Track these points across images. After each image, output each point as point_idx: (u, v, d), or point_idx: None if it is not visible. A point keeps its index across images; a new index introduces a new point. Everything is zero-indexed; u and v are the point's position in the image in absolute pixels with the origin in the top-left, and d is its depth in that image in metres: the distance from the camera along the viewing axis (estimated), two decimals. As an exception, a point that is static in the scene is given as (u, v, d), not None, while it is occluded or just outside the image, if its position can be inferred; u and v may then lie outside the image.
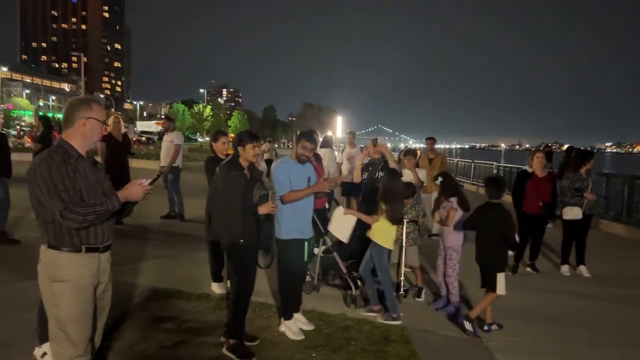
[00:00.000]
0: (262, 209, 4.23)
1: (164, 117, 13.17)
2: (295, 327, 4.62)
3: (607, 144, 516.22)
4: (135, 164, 15.83)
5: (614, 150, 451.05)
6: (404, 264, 5.71)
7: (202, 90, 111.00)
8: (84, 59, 61.59)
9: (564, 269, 7.40)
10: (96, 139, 2.97)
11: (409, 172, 7.07)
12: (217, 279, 5.74)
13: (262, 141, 5.73)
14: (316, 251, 5.80)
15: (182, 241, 8.17)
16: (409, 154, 7.27)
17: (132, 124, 72.37)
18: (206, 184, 5.52)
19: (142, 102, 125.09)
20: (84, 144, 2.91)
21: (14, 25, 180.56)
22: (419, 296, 5.80)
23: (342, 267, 5.51)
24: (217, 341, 4.32)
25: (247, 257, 4.23)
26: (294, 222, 4.53)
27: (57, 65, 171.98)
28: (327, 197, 6.19)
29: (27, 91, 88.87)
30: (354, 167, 10.12)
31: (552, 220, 8.72)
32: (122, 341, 4.25)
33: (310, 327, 4.73)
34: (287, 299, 4.70)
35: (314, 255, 5.72)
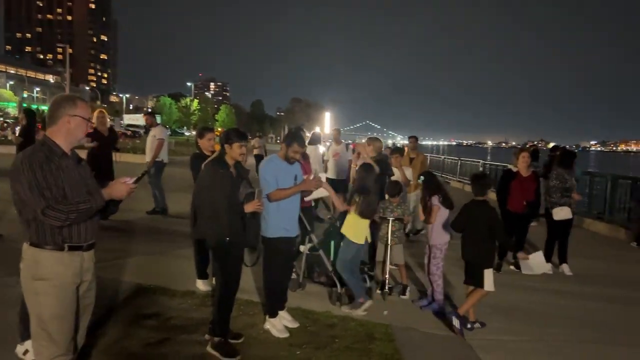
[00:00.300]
0: (248, 207, 4.21)
1: (146, 112, 13.05)
2: (280, 324, 4.63)
3: (591, 142, 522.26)
4: (120, 158, 15.67)
5: (599, 148, 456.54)
6: (389, 261, 5.74)
7: (189, 83, 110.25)
8: (69, 50, 60.56)
9: (547, 267, 7.48)
10: (81, 136, 2.94)
11: (396, 170, 7.09)
12: (203, 276, 5.72)
13: (251, 138, 5.70)
14: (302, 249, 5.81)
15: (167, 237, 8.12)
16: (396, 152, 7.29)
17: (118, 117, 71.69)
18: (192, 179, 5.50)
19: (128, 95, 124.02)
20: (68, 141, 2.89)
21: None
22: (404, 294, 5.84)
23: (328, 265, 5.52)
24: (202, 339, 4.31)
25: (233, 256, 4.22)
26: (280, 220, 4.53)
27: (41, 56, 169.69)
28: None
29: (11, 82, 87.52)
30: (341, 164, 10.19)
31: (536, 219, 8.81)
32: (106, 338, 4.22)
33: (295, 324, 4.75)
34: (273, 296, 4.70)
35: (300, 252, 5.74)
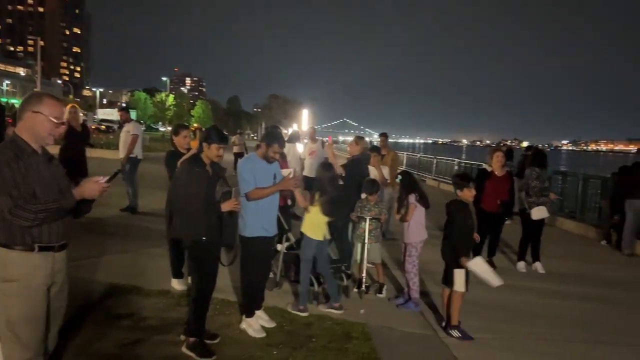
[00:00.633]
0: (225, 206, 4.17)
1: (121, 107, 12.80)
2: (256, 324, 4.60)
3: (563, 142, 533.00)
4: (94, 153, 15.39)
5: (570, 148, 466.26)
6: (366, 260, 5.76)
7: (164, 78, 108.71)
8: (40, 42, 59.06)
9: (520, 265, 7.62)
10: (44, 135, 2.78)
11: (373, 169, 7.11)
12: (178, 275, 5.65)
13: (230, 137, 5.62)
14: (279, 247, 5.78)
15: (142, 235, 8.01)
16: (374, 151, 7.31)
17: (91, 111, 70.29)
18: (167, 175, 5.43)
19: (102, 89, 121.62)
20: (32, 138, 2.77)
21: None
22: (380, 292, 5.86)
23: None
24: (177, 339, 4.26)
25: (209, 255, 4.18)
26: (259, 220, 4.50)
27: (12, 48, 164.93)
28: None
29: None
30: (317, 162, 10.17)
31: (510, 218, 8.95)
32: (78, 340, 4.14)
33: (271, 324, 4.72)
34: (250, 296, 4.67)
35: (277, 251, 5.70)
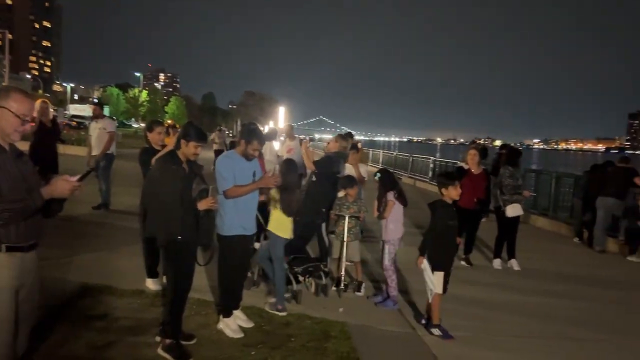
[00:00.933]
0: (202, 205, 4.09)
1: (95, 102, 12.55)
2: (234, 324, 4.52)
3: (534, 140, 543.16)
4: (65, 150, 15.02)
5: (541, 146, 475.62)
6: (345, 258, 5.74)
7: (138, 73, 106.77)
8: (8, 36, 57.45)
9: (496, 262, 7.70)
10: (9, 131, 2.63)
11: (351, 167, 7.09)
12: (152, 274, 5.54)
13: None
14: (257, 246, 5.72)
15: (115, 234, 7.82)
16: (352, 149, 7.29)
17: (62, 107, 68.74)
18: (139, 172, 5.30)
19: (73, 84, 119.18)
20: None
21: None
22: (359, 290, 5.84)
23: (284, 263, 5.44)
24: (152, 340, 4.15)
25: (185, 254, 4.09)
26: (237, 218, 4.43)
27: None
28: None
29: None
30: (295, 159, 10.13)
31: (486, 215, 9.05)
32: (50, 342, 4.00)
33: (249, 324, 4.65)
34: (227, 296, 4.59)
35: (255, 250, 5.63)
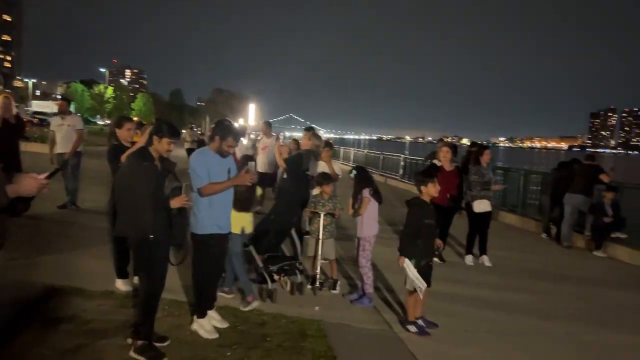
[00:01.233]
0: (175, 203, 4.00)
1: (61, 97, 12.12)
2: (208, 325, 4.43)
3: (500, 139, 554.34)
4: (27, 147, 14.54)
5: (507, 144, 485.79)
6: (320, 256, 5.70)
7: (103, 69, 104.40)
8: (-34, 29, 55.33)
9: (468, 259, 7.80)
10: None
11: (325, 164, 7.06)
12: (122, 275, 5.40)
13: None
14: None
15: (83, 233, 7.59)
16: (326, 147, 7.27)
17: (23, 103, 66.64)
18: (106, 170, 5.16)
19: (35, 80, 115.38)
20: None
21: None
22: (334, 288, 5.81)
23: (259, 261, 5.37)
24: (124, 343, 4.03)
25: (158, 254, 3.98)
26: (212, 216, 4.33)
27: None
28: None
29: None
30: (270, 157, 10.04)
31: (459, 212, 9.15)
32: (16, 346, 3.84)
33: (224, 324, 4.56)
34: (202, 296, 4.50)
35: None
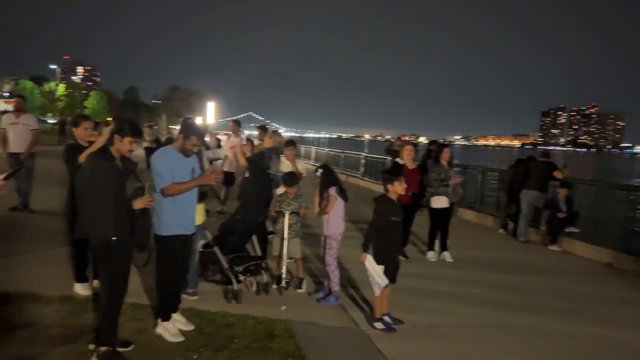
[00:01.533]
0: (137, 203, 3.92)
1: (17, 95, 11.55)
2: (173, 328, 4.34)
3: (455, 137, 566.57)
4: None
5: (463, 142, 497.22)
6: (285, 255, 5.67)
7: (53, 66, 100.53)
8: None
9: (430, 255, 7.93)
10: None
11: (289, 163, 7.01)
12: (81, 279, 5.25)
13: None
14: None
15: (38, 236, 7.32)
16: (290, 145, 7.23)
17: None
18: (58, 170, 4.98)
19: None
20: None
21: None
22: (300, 287, 5.80)
23: (224, 262, 5.29)
24: (85, 349, 3.92)
25: (120, 256, 3.88)
26: (176, 217, 4.24)
27: None
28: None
29: None
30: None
31: (420, 209, 9.29)
32: (-34, 358, 3.66)
33: (190, 327, 4.47)
34: (166, 299, 4.40)
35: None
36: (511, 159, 11.25)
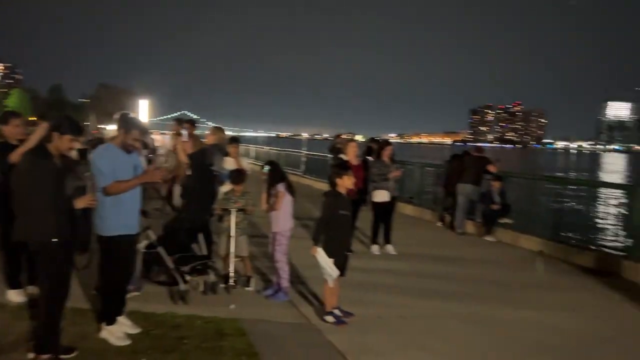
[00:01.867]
0: (80, 203, 3.76)
1: None
2: (119, 331, 4.19)
3: (390, 135, 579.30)
4: None
5: (398, 140, 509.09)
6: (233, 254, 5.60)
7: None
8: None
9: (374, 248, 8.09)
10: None
11: (233, 160, 6.92)
12: (14, 285, 4.97)
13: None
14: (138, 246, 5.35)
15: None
16: (233, 142, 7.14)
17: None
18: None
19: None
20: None
21: None
22: (248, 285, 5.75)
23: (169, 262, 5.14)
24: (24, 358, 3.71)
25: (61, 258, 3.72)
26: (120, 216, 4.08)
27: None
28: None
29: None
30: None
31: (365, 204, 9.45)
32: None
33: (136, 330, 4.33)
34: (111, 301, 4.23)
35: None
36: (443, 156, 11.66)
